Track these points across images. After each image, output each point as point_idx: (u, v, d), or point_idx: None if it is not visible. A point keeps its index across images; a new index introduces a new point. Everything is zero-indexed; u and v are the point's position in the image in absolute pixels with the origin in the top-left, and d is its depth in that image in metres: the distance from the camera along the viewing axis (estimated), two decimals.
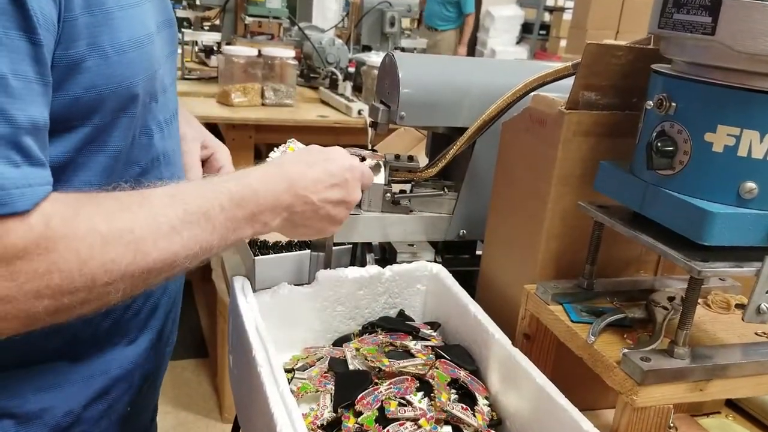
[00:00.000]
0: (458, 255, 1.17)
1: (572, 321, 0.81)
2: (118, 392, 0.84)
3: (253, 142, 2.74)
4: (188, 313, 3.43)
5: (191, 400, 2.93)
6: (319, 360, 0.96)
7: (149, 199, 0.69)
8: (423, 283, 1.05)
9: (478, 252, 1.20)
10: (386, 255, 1.14)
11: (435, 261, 1.10)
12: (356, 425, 0.80)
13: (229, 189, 0.73)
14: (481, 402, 0.86)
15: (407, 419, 0.80)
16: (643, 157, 0.74)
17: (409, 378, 0.85)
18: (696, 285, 0.71)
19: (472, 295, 0.98)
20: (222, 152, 1.03)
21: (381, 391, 0.82)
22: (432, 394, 0.83)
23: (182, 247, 0.68)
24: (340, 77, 3.15)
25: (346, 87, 3.11)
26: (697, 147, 0.70)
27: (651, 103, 0.72)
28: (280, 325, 0.97)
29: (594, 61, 0.82)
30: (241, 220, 0.74)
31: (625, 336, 0.80)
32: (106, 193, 0.67)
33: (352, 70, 3.24)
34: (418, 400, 0.82)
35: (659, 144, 0.71)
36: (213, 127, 3.17)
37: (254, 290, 1.10)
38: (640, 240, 0.75)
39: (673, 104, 0.71)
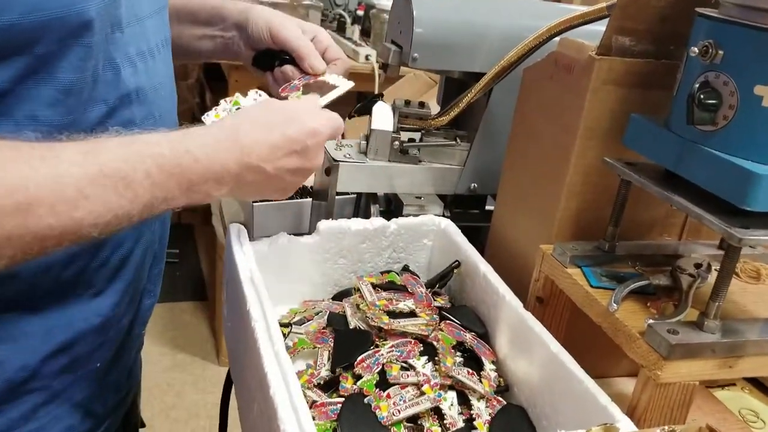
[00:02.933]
0: (468, 209, 1.11)
1: (591, 286, 0.76)
2: (84, 347, 0.78)
3: (258, 85, 2.66)
4: (189, 256, 3.41)
5: (188, 342, 2.92)
6: (317, 314, 0.91)
7: (57, 154, 0.59)
8: (430, 238, 0.99)
9: (489, 207, 1.13)
10: (391, 207, 1.07)
11: (443, 215, 1.03)
12: (355, 388, 0.75)
13: (162, 154, 0.64)
14: (488, 367, 0.81)
15: (410, 384, 0.75)
16: (681, 111, 0.67)
17: (413, 341, 0.79)
18: (734, 254, 0.64)
19: (481, 253, 0.92)
20: (321, 33, 0.95)
21: (382, 354, 0.77)
22: (436, 358, 0.78)
23: (89, 213, 0.59)
24: (348, 20, 3.04)
25: (354, 31, 3.00)
26: (744, 101, 0.63)
27: (696, 49, 0.64)
28: (278, 277, 0.92)
29: (631, 2, 0.74)
30: (174, 189, 0.65)
31: (648, 304, 0.74)
32: (3, 141, 0.58)
33: (360, 13, 3.12)
34: (421, 364, 0.76)
35: (702, 96, 0.64)
36: (215, 67, 3.08)
37: (252, 238, 1.05)
38: (673, 202, 0.68)
39: (720, 52, 0.64)
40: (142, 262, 0.85)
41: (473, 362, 0.82)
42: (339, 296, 0.95)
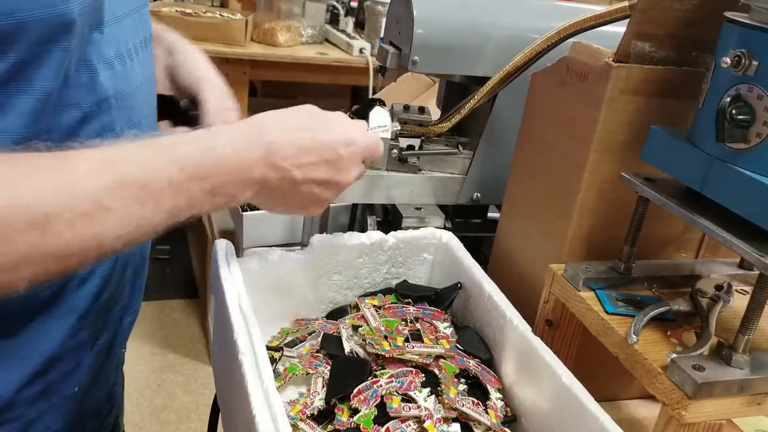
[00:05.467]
0: (469, 219, 1.05)
1: (607, 312, 0.70)
2: (60, 371, 0.72)
3: (248, 78, 2.59)
4: (179, 253, 3.34)
5: (179, 341, 2.86)
6: (311, 334, 0.86)
7: (72, 164, 0.55)
8: (430, 252, 0.93)
9: (491, 214, 1.08)
10: (389, 217, 1.02)
11: (444, 227, 0.98)
12: (351, 421, 0.69)
13: (185, 155, 0.59)
14: (494, 396, 0.76)
15: (411, 418, 0.70)
16: (706, 125, 0.62)
17: (413, 370, 0.74)
18: (766, 284, 0.59)
19: (484, 265, 0.87)
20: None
21: (381, 385, 0.71)
22: (439, 389, 0.72)
23: (111, 227, 0.55)
24: (342, 12, 2.97)
25: (348, 23, 2.94)
26: None
27: (728, 60, 0.59)
28: (269, 295, 0.86)
29: (652, 4, 0.68)
30: (198, 193, 0.60)
31: (668, 333, 0.68)
32: (10, 154, 0.53)
33: (354, 5, 3.06)
34: (423, 397, 0.71)
35: (734, 111, 0.58)
36: None
37: (242, 248, 0.99)
38: (698, 225, 0.63)
39: (754, 63, 0.58)
40: (121, 279, 0.79)
41: (478, 390, 0.76)
42: (334, 314, 0.90)
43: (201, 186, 0.59)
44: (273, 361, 0.78)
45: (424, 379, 0.73)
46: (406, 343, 0.77)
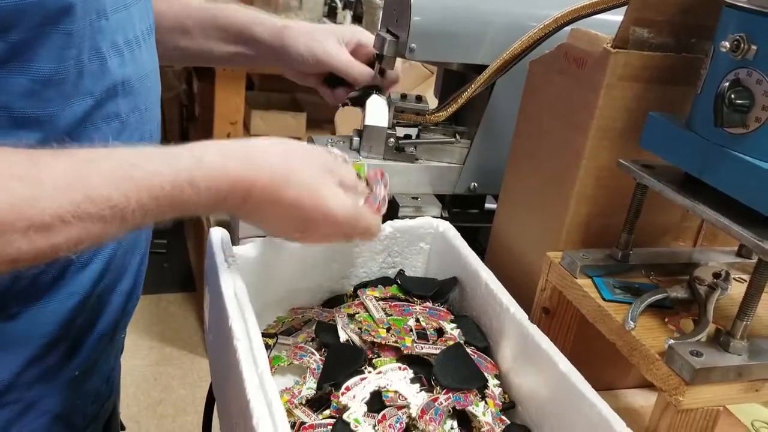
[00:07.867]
0: (466, 209, 1.05)
1: (604, 299, 0.70)
2: (58, 355, 0.72)
3: (245, 71, 2.59)
4: (177, 246, 3.34)
5: (176, 334, 2.86)
6: (306, 323, 0.85)
7: (39, 175, 0.53)
8: (427, 242, 0.92)
9: (488, 205, 1.07)
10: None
11: (441, 216, 0.97)
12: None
13: (161, 185, 0.57)
14: (492, 383, 0.75)
15: (404, 407, 0.69)
16: (705, 111, 0.61)
17: (402, 367, 0.73)
18: (765, 269, 0.59)
19: (480, 255, 0.86)
20: (363, 37, 0.94)
21: (369, 381, 0.71)
22: (433, 381, 0.72)
23: (67, 240, 0.54)
24: (340, 5, 2.96)
25: (346, 16, 2.93)
26: None
27: (727, 44, 0.58)
28: (264, 284, 0.86)
29: None
30: (168, 214, 0.59)
31: (666, 320, 0.68)
32: None
33: None
34: (413, 394, 0.70)
35: (732, 95, 0.58)
36: None
37: (239, 237, 0.98)
38: (697, 211, 0.62)
39: (753, 47, 0.57)
40: (123, 264, 0.79)
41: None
42: (330, 303, 0.89)
43: (173, 210, 0.59)
44: (268, 348, 0.78)
45: (412, 375, 0.73)
46: (414, 344, 0.76)
